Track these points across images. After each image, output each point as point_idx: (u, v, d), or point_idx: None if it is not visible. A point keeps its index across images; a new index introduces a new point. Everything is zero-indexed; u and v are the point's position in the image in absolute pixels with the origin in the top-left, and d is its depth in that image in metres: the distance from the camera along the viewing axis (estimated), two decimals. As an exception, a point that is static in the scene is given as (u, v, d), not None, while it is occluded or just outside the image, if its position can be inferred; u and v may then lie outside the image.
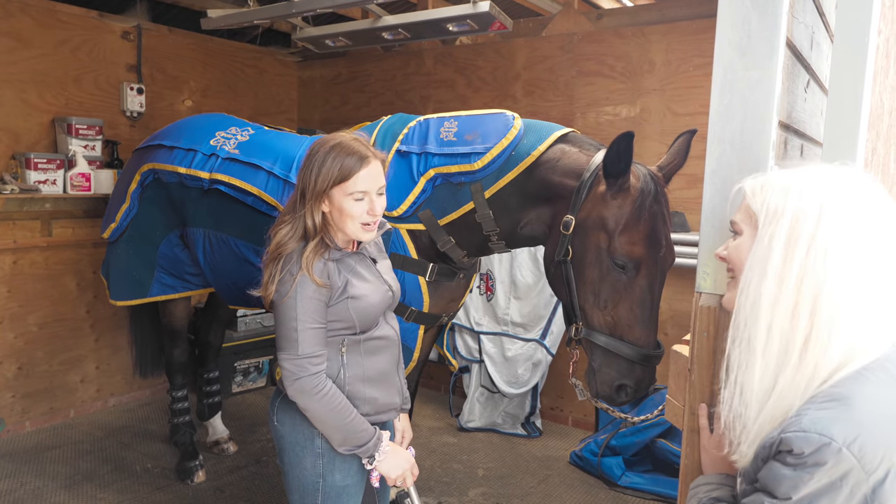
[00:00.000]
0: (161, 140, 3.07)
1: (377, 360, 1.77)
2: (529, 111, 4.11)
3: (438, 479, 3.50)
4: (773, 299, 0.98)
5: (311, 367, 1.62)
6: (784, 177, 1.06)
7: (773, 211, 1.02)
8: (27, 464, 3.53)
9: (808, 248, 0.97)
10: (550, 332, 4.02)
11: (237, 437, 3.87)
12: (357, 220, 1.65)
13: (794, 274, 0.97)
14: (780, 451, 0.93)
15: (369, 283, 1.73)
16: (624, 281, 2.01)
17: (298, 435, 1.73)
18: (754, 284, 1.01)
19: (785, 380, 0.97)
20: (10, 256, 3.82)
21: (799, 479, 0.90)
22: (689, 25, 3.65)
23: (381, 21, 3.63)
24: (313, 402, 1.63)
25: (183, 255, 3.09)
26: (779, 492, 0.92)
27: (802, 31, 1.39)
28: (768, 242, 1.00)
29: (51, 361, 4.04)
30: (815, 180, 1.02)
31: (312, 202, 1.63)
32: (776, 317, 0.98)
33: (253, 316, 4.63)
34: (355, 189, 1.63)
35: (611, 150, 1.95)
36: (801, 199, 1.00)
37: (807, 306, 0.96)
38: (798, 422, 0.92)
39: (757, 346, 0.99)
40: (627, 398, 2.06)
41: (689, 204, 3.60)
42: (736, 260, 1.10)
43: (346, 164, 1.62)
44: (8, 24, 3.70)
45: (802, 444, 0.90)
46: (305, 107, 5.46)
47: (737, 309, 1.04)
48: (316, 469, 1.73)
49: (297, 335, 1.60)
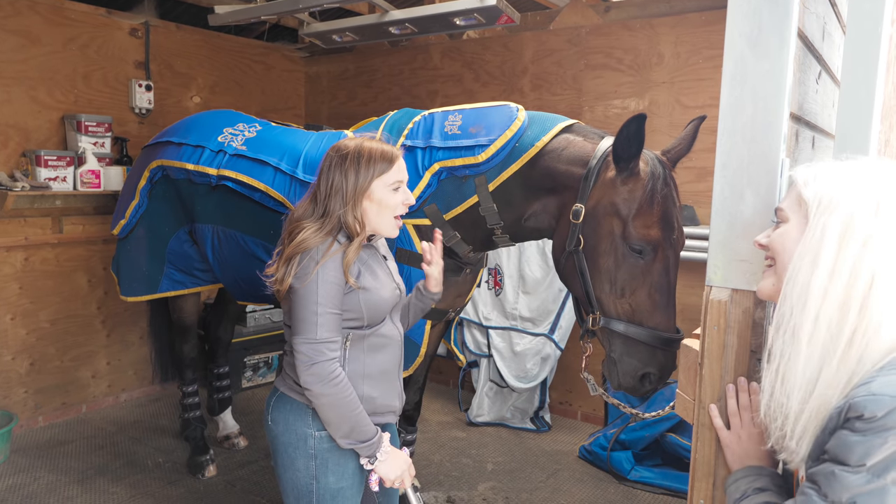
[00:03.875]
0: (169, 137, 3.09)
1: (379, 358, 1.76)
2: (537, 105, 4.09)
3: (448, 474, 3.51)
4: (822, 291, 0.97)
5: (327, 353, 1.61)
6: (839, 169, 1.04)
7: (828, 202, 1.00)
8: (40, 458, 3.57)
9: (864, 243, 0.95)
10: (559, 326, 4.02)
11: (247, 431, 3.89)
12: (394, 211, 1.72)
13: (848, 268, 0.96)
14: (849, 418, 0.91)
15: (380, 277, 1.75)
16: (641, 266, 1.98)
17: (291, 436, 1.72)
18: (804, 274, 0.99)
19: (829, 373, 0.96)
20: (22, 253, 3.85)
21: (871, 445, 0.87)
22: (698, 17, 3.62)
23: (387, 16, 3.62)
24: (327, 388, 1.61)
25: (192, 251, 3.10)
26: (851, 460, 0.89)
27: (814, 21, 1.37)
28: (821, 233, 0.99)
29: (62, 357, 4.07)
30: (872, 174, 1.00)
31: (354, 200, 1.67)
32: (825, 308, 0.96)
33: (262, 311, 4.65)
34: (395, 179, 1.71)
35: (621, 133, 1.92)
36: (857, 193, 0.98)
37: (857, 301, 0.95)
38: (867, 387, 0.91)
39: (803, 336, 0.98)
40: (651, 386, 2.01)
41: (699, 197, 3.57)
42: (780, 248, 1.08)
43: (383, 160, 1.70)
44: (17, 22, 3.72)
45: (874, 408, 0.88)
46: (313, 102, 5.47)
47: (782, 297, 1.03)
48: (309, 471, 1.71)
49: (318, 318, 1.60)
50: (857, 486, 0.88)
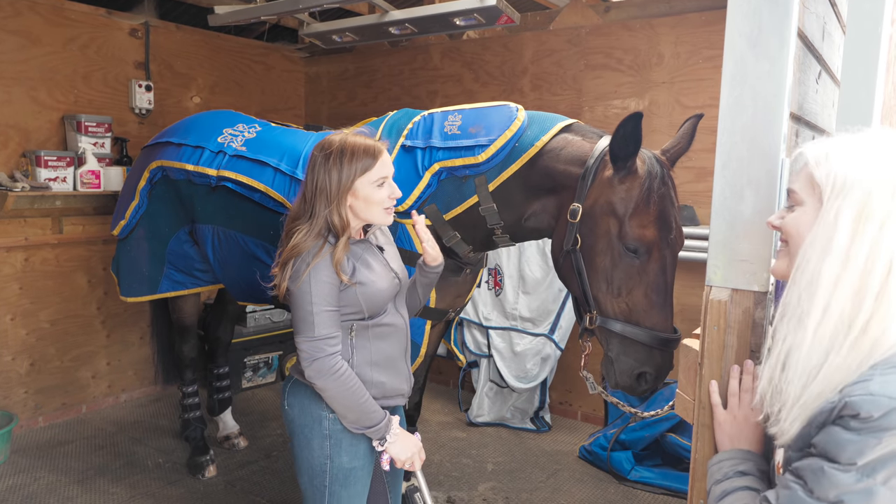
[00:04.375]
0: (169, 137, 3.09)
1: (385, 346, 1.83)
2: (537, 105, 4.09)
3: (448, 474, 3.51)
4: (834, 278, 0.94)
5: (327, 349, 1.69)
6: (852, 145, 0.99)
7: (842, 184, 0.95)
8: (40, 459, 3.56)
9: (882, 225, 0.92)
10: (559, 326, 4.02)
11: (247, 432, 3.90)
12: (381, 205, 1.75)
13: (864, 253, 0.92)
14: (843, 416, 0.89)
15: (376, 270, 1.79)
16: (637, 266, 1.98)
17: (307, 417, 1.80)
18: (814, 261, 0.96)
19: (837, 359, 0.93)
20: (22, 254, 3.85)
21: (865, 444, 0.86)
22: (697, 17, 3.62)
23: (387, 16, 3.62)
24: (330, 381, 1.69)
25: (192, 252, 3.10)
26: (842, 457, 0.88)
27: (814, 21, 1.37)
28: (834, 218, 0.95)
29: (62, 357, 4.07)
30: (886, 149, 0.96)
31: (338, 199, 1.71)
32: (836, 297, 0.93)
33: (262, 312, 4.64)
34: (379, 176, 1.74)
35: (618, 133, 1.91)
36: (872, 172, 0.93)
37: (874, 288, 0.92)
38: (865, 386, 0.89)
39: (809, 324, 0.95)
40: (648, 386, 2.01)
41: (699, 197, 3.57)
42: (794, 232, 1.05)
43: (366, 156, 1.72)
44: (17, 23, 3.72)
45: (871, 408, 0.87)
46: (313, 103, 5.47)
47: (790, 284, 1.00)
48: (323, 451, 1.78)
49: (314, 318, 1.68)
50: (845, 484, 0.87)
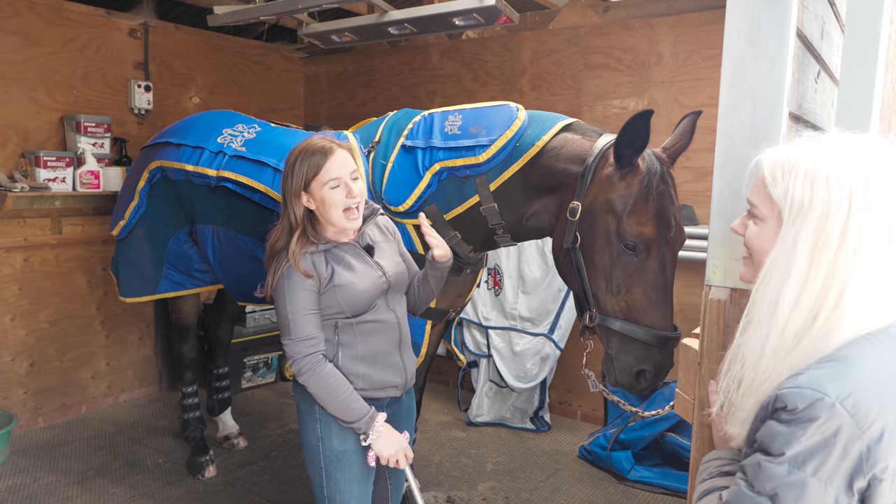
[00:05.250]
0: (168, 137, 3.08)
1: (373, 341, 1.89)
2: (536, 105, 4.09)
3: (447, 474, 3.51)
4: (793, 301, 0.96)
5: (304, 350, 1.79)
6: (807, 157, 1.00)
7: (798, 207, 0.97)
8: (40, 459, 3.56)
9: (837, 249, 0.94)
10: (559, 326, 4.02)
11: (247, 432, 3.90)
12: (339, 206, 1.80)
13: (822, 276, 0.95)
14: (776, 409, 0.93)
15: (357, 271, 1.84)
16: (635, 263, 1.97)
17: (304, 402, 1.92)
18: (774, 284, 0.98)
19: (785, 364, 0.97)
20: (21, 254, 3.85)
21: (792, 435, 0.90)
22: (696, 17, 3.62)
23: (386, 16, 3.62)
24: (311, 379, 1.80)
25: (192, 252, 3.10)
26: (773, 448, 0.92)
27: (813, 20, 1.37)
28: (793, 243, 0.97)
29: (62, 358, 4.07)
30: (843, 162, 0.96)
31: (292, 200, 1.81)
32: (794, 318, 0.96)
33: (262, 312, 4.64)
34: (329, 178, 1.79)
35: (627, 129, 1.89)
36: (827, 192, 0.95)
37: (830, 303, 0.95)
38: (794, 380, 0.92)
39: (768, 346, 0.98)
40: (647, 384, 2.01)
41: (698, 197, 3.57)
42: (756, 247, 1.07)
43: (314, 158, 1.80)
44: (16, 23, 3.72)
45: (796, 400, 0.90)
46: (312, 103, 5.47)
47: (751, 303, 1.02)
48: (315, 433, 1.89)
49: (289, 321, 1.79)
50: (779, 477, 0.90)
